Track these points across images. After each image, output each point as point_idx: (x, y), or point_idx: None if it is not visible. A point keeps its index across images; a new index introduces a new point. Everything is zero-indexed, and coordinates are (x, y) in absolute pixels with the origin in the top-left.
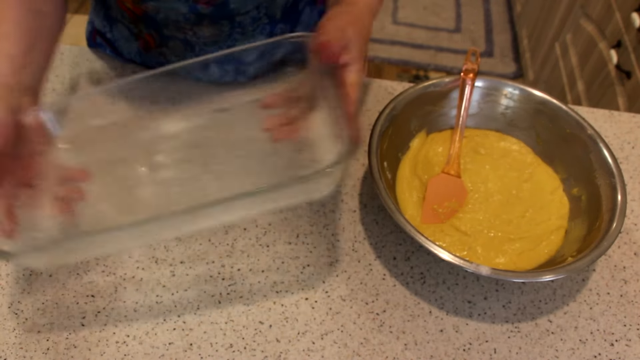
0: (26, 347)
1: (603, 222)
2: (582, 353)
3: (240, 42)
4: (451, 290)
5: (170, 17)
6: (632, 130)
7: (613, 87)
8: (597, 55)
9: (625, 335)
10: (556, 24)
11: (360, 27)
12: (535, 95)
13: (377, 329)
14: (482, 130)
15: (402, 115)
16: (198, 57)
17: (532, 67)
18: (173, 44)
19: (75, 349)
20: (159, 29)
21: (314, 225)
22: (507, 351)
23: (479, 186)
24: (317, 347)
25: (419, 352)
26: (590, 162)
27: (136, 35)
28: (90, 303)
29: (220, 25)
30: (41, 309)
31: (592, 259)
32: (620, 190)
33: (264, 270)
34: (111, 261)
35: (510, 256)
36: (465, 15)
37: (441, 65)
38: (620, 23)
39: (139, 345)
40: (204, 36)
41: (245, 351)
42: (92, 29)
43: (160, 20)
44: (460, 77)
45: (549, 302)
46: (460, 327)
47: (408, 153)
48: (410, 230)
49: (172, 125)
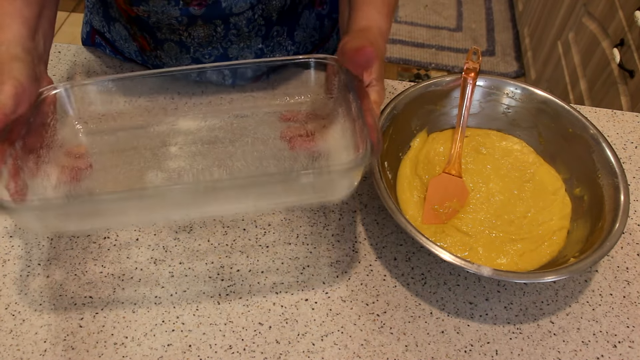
0: (23, 349)
1: (606, 222)
2: (584, 355)
3: (235, 43)
4: (452, 291)
5: (163, 21)
6: (635, 129)
7: (616, 86)
8: (600, 54)
9: (628, 337)
10: (558, 22)
11: (377, 49)
12: (537, 94)
13: (378, 330)
14: (484, 130)
15: (403, 114)
16: (193, 59)
17: (534, 66)
18: (168, 47)
19: (73, 351)
20: (152, 32)
21: (314, 225)
22: (509, 352)
23: (480, 186)
24: (317, 349)
25: (419, 353)
26: (592, 162)
27: (133, 36)
28: (88, 304)
29: (214, 26)
30: (38, 310)
31: (594, 259)
32: (623, 191)
33: (264, 271)
34: (109, 262)
35: (512, 257)
36: (467, 13)
37: (442, 64)
38: (623, 21)
39: (137, 347)
40: (199, 37)
41: (245, 352)
42: (89, 30)
43: (152, 23)
44: (461, 76)
45: (551, 303)
46: (462, 329)
47: (409, 153)
48: (411, 231)
49: (189, 122)
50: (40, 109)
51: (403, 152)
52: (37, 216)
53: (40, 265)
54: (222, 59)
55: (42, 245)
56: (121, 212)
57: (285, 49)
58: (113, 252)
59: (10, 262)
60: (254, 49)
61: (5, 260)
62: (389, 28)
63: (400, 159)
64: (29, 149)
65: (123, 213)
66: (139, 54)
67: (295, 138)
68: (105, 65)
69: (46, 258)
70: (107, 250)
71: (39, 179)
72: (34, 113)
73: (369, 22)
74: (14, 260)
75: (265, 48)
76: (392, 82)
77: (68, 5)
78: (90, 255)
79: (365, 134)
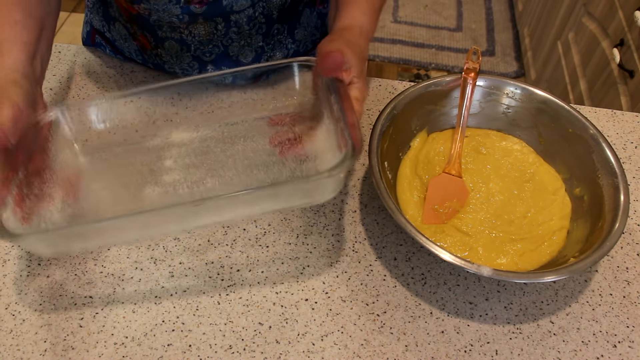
0: (23, 348)
1: (606, 222)
2: (584, 354)
3: (236, 41)
4: (452, 291)
5: (164, 19)
6: (635, 129)
7: (616, 86)
8: (600, 54)
9: (628, 337)
10: (558, 22)
11: (356, 49)
12: (537, 94)
13: (378, 330)
14: (484, 130)
15: (403, 114)
16: (194, 57)
17: (534, 66)
18: (169, 45)
19: (73, 351)
20: (152, 30)
21: (314, 225)
22: (509, 352)
23: (480, 186)
24: (317, 349)
25: (419, 353)
26: (592, 162)
27: (133, 35)
28: (89, 304)
29: (215, 24)
30: (38, 310)
31: (594, 259)
32: (623, 191)
33: (264, 271)
34: (109, 262)
35: (511, 257)
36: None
37: (442, 64)
38: (623, 21)
39: (137, 347)
40: (200, 35)
41: (245, 352)
42: (89, 30)
43: (153, 22)
44: (461, 76)
45: (551, 303)
46: (462, 328)
47: (409, 153)
48: (411, 231)
49: (182, 134)
50: (39, 133)
51: (403, 152)
52: (44, 241)
53: (40, 265)
54: (222, 57)
55: None
56: (122, 231)
57: (285, 47)
58: (113, 252)
59: (10, 262)
60: (254, 47)
61: (5, 260)
62: (372, 28)
63: (400, 159)
64: (31, 175)
65: (124, 231)
66: (139, 53)
67: (284, 143)
68: (105, 66)
69: (46, 258)
70: (107, 250)
71: (43, 203)
72: (33, 139)
73: (351, 21)
74: (14, 260)
75: (265, 46)
76: (392, 82)
77: (68, 5)
78: (90, 255)
79: (347, 134)
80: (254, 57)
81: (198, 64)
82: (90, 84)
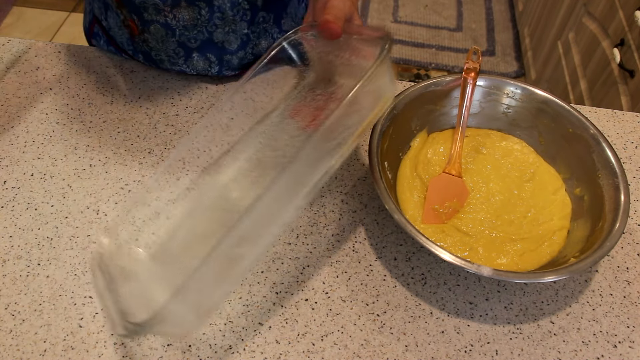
0: (23, 349)
1: (606, 222)
2: (584, 355)
3: (220, 27)
4: (452, 291)
5: (149, 1)
6: (635, 129)
7: (616, 86)
8: (600, 53)
9: (628, 337)
10: (558, 22)
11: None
12: (537, 94)
13: (378, 330)
14: (484, 130)
15: (403, 114)
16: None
17: (534, 66)
18: (154, 29)
19: (73, 351)
20: (139, 13)
21: (314, 225)
22: (509, 353)
23: (480, 186)
24: (317, 349)
25: (419, 353)
26: (593, 161)
27: (123, 22)
28: (88, 304)
29: (199, 9)
30: (38, 310)
31: (594, 259)
32: (623, 191)
33: (264, 271)
34: None
35: (512, 257)
36: (467, 13)
37: (442, 64)
38: (623, 21)
39: (137, 347)
40: (184, 19)
41: (245, 353)
42: (91, 19)
43: (139, 3)
44: (461, 76)
45: (551, 304)
46: (462, 329)
47: (409, 153)
48: (411, 231)
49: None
50: None
51: (403, 152)
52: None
53: (40, 265)
54: (207, 44)
55: (42, 245)
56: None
57: (271, 36)
58: None
59: (10, 262)
60: (239, 34)
61: (5, 260)
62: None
63: (400, 159)
64: None
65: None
66: (130, 43)
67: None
68: (105, 66)
69: (46, 258)
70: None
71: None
72: None
73: None
74: (14, 260)
75: (251, 34)
76: None
77: (68, 5)
78: (91, 255)
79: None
80: (239, 44)
81: (184, 51)
82: (90, 84)
